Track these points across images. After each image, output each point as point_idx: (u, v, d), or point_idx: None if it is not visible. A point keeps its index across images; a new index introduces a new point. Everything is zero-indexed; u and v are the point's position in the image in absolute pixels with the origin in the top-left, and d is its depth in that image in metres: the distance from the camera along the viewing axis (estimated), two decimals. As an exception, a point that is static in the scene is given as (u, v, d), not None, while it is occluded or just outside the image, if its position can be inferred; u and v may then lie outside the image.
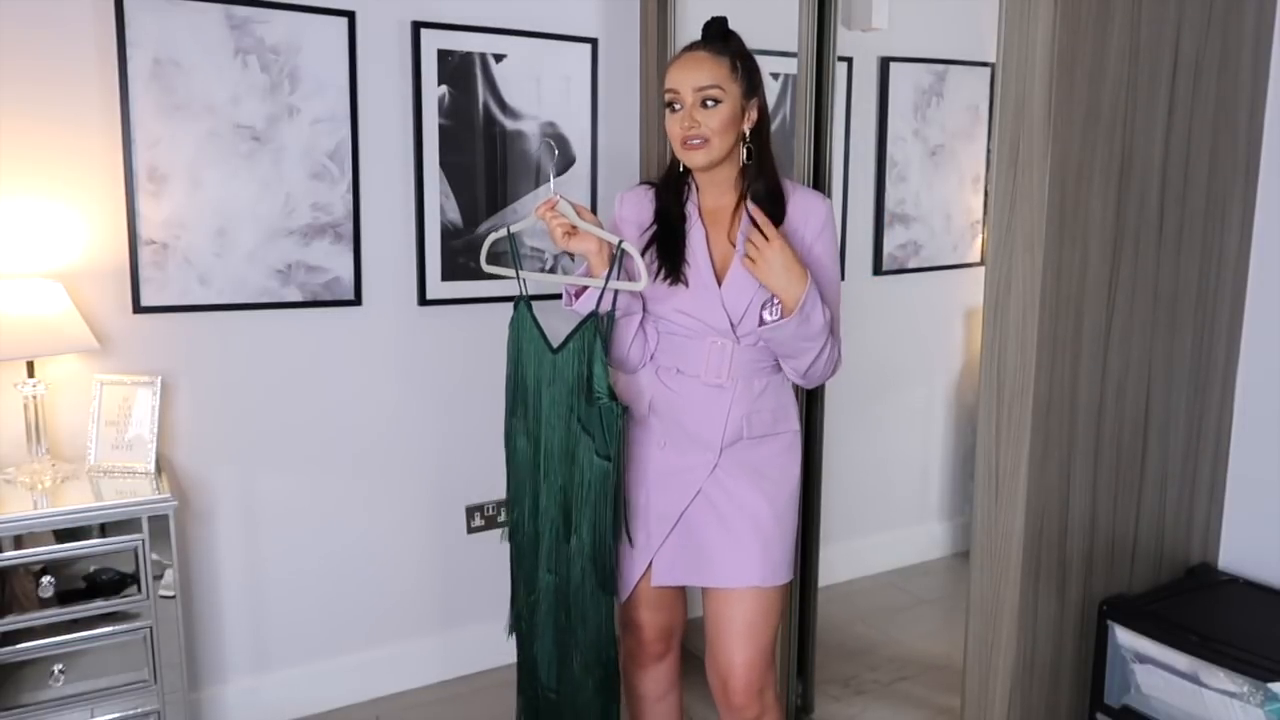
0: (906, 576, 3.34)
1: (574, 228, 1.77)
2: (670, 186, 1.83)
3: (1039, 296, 1.64)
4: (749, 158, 1.77)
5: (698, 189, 1.82)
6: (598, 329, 1.75)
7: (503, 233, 1.96)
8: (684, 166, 1.79)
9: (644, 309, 1.82)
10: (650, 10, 2.69)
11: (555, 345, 1.82)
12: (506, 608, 2.02)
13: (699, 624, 2.29)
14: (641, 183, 1.94)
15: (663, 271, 1.78)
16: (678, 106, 1.73)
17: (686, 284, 1.77)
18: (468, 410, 2.71)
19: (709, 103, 1.70)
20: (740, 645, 1.80)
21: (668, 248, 1.79)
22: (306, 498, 2.54)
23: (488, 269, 2.02)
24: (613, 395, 1.76)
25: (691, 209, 1.81)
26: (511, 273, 1.94)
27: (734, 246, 1.78)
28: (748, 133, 1.75)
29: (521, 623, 1.98)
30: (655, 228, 1.81)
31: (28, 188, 2.16)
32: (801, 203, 1.79)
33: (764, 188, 1.77)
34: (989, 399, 1.74)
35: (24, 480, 2.10)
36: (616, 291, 1.76)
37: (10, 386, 2.13)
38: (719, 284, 1.77)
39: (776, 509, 1.80)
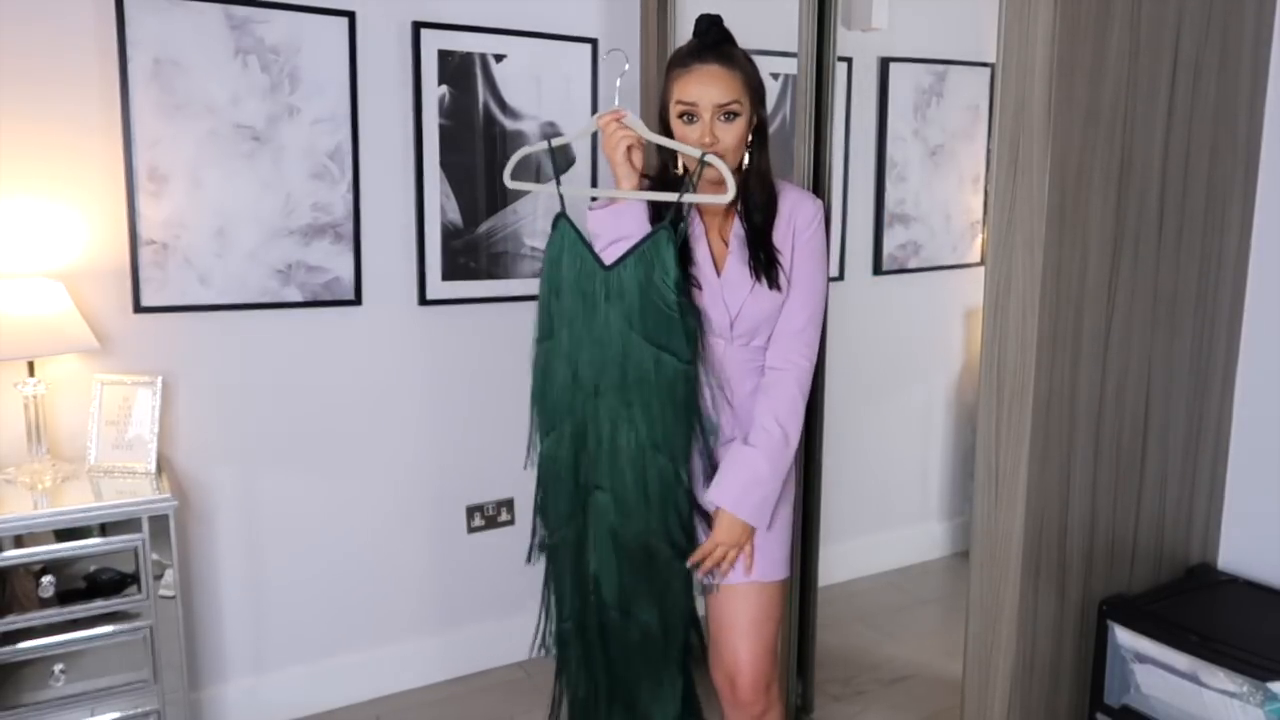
0: (906, 576, 3.34)
1: (638, 142, 1.76)
2: (666, 187, 1.80)
3: (1039, 296, 1.64)
4: (749, 162, 1.77)
5: (694, 190, 1.81)
6: (670, 238, 1.69)
7: (540, 146, 1.88)
8: (683, 167, 1.78)
9: None
10: (650, 10, 2.69)
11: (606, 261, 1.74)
12: (506, 606, 2.00)
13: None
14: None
15: None
16: (694, 119, 1.72)
17: (699, 286, 1.76)
18: (468, 410, 2.71)
19: (728, 116, 1.71)
20: (746, 641, 1.80)
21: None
22: (307, 497, 2.54)
23: (511, 184, 1.93)
24: (682, 303, 1.69)
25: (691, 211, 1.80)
26: (538, 186, 1.96)
27: (725, 244, 1.79)
28: (750, 139, 1.76)
29: (557, 540, 1.86)
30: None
31: (28, 187, 2.16)
32: (792, 199, 1.81)
33: (760, 192, 1.78)
34: (989, 399, 1.74)
35: (24, 480, 2.11)
36: (686, 213, 1.71)
37: (10, 386, 2.13)
38: (718, 278, 1.77)
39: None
